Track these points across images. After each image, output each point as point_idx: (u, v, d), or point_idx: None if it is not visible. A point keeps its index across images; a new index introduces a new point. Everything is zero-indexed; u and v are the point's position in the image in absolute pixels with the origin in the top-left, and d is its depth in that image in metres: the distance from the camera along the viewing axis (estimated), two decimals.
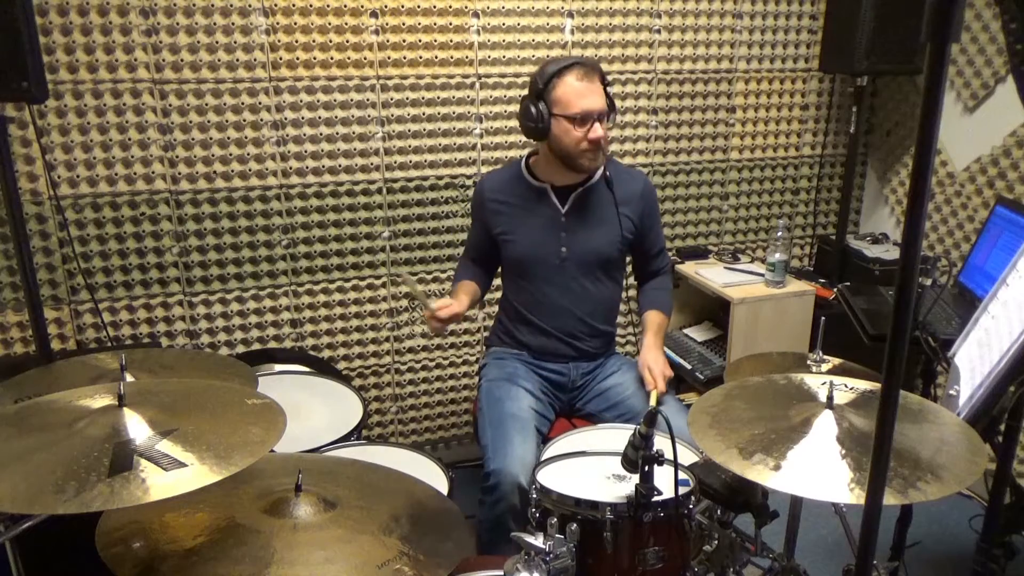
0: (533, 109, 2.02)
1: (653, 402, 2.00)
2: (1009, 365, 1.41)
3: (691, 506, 1.55)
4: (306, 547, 1.20)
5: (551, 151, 2.08)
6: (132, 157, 2.45)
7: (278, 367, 2.40)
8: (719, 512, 1.57)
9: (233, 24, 2.44)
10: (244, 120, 2.52)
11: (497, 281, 2.37)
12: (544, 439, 2.05)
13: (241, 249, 2.63)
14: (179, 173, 2.50)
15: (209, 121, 2.49)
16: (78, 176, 2.41)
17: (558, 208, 2.15)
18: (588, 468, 1.66)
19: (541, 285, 2.18)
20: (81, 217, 2.44)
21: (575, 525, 1.46)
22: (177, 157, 2.49)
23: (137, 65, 2.38)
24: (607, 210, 2.16)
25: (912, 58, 2.83)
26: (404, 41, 2.62)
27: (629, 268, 2.38)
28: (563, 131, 2.02)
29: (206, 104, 2.48)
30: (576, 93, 1.99)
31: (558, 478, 1.62)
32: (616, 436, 1.77)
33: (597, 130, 2.01)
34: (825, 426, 1.35)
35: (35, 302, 2.03)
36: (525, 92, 2.83)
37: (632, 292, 2.42)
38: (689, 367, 2.93)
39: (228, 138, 2.52)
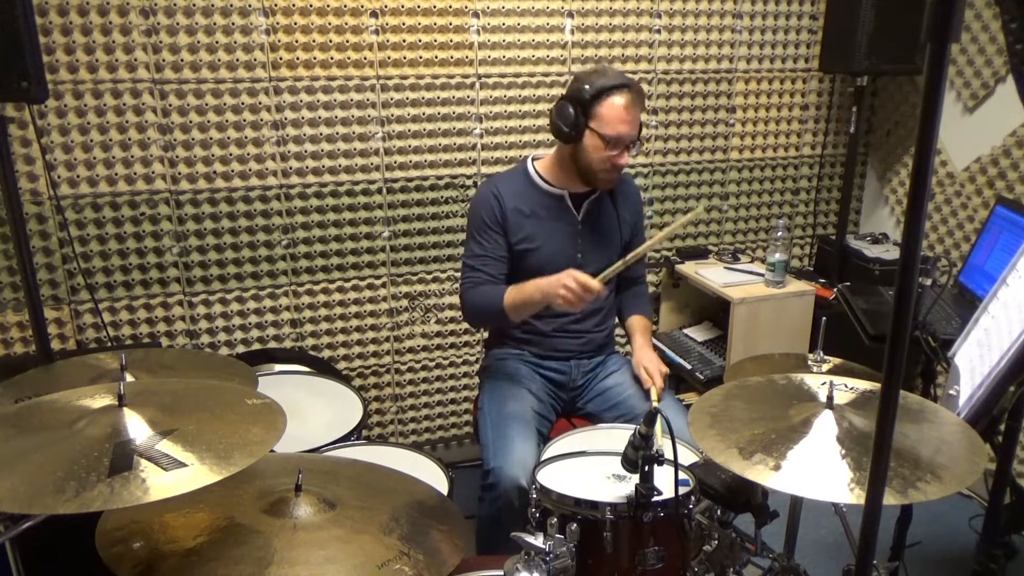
0: (572, 113, 1.98)
1: (654, 398, 2.00)
2: (1009, 365, 1.41)
3: (691, 506, 1.55)
4: (306, 547, 1.19)
5: (571, 158, 2.06)
6: (132, 157, 2.45)
7: (278, 367, 2.40)
8: (719, 512, 1.57)
9: (233, 24, 2.44)
10: (244, 120, 2.52)
11: None
12: (545, 440, 2.05)
13: (241, 249, 2.63)
14: (179, 173, 2.50)
15: (209, 121, 2.49)
16: (78, 176, 2.41)
17: (575, 216, 2.15)
18: (588, 468, 1.66)
19: None
20: (81, 217, 2.44)
21: (575, 525, 1.46)
22: (177, 157, 2.49)
23: (137, 65, 2.38)
24: (611, 216, 2.19)
25: (912, 58, 2.83)
26: (404, 41, 2.62)
27: None
28: (593, 146, 2.00)
29: (206, 104, 2.48)
30: (619, 117, 1.96)
31: (558, 478, 1.62)
32: (616, 436, 1.76)
33: (625, 157, 2.01)
34: (825, 426, 1.35)
35: (35, 302, 2.03)
36: (529, 92, 2.83)
37: None
38: (689, 367, 2.93)
39: (228, 138, 2.52)
